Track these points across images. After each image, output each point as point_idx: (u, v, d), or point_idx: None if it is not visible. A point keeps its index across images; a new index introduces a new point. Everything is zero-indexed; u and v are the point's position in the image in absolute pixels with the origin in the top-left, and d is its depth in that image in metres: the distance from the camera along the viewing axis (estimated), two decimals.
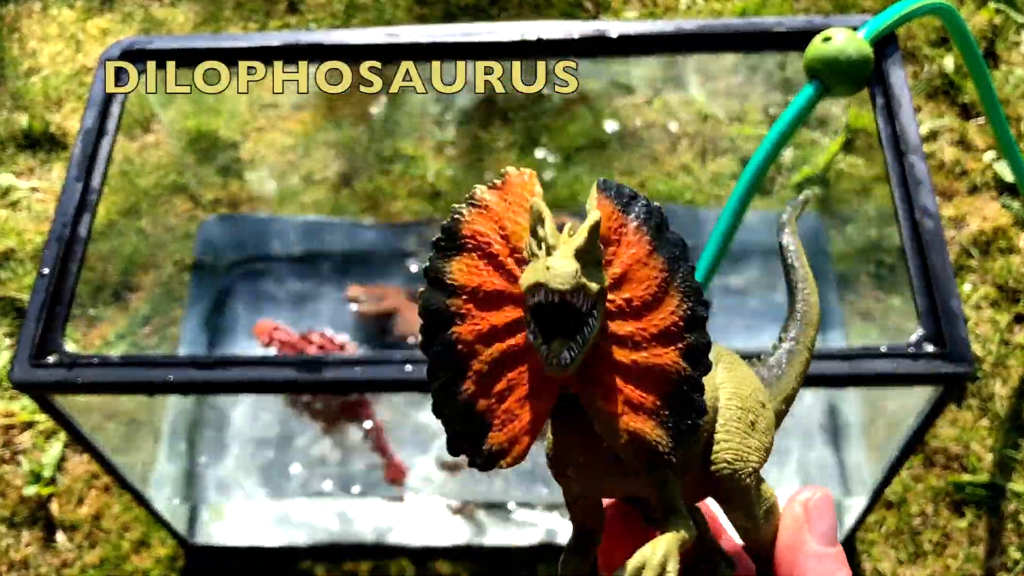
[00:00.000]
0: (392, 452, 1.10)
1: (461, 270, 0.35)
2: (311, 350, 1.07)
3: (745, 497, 0.37)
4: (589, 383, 0.35)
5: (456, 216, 0.35)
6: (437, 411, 0.36)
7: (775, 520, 0.39)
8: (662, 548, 0.34)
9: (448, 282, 0.36)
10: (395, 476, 1.10)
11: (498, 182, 0.36)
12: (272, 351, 1.11)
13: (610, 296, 0.35)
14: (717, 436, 0.38)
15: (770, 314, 1.21)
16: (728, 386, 0.39)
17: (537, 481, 1.11)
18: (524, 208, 0.36)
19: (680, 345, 0.35)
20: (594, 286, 0.34)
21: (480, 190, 0.36)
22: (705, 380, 0.37)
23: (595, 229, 0.34)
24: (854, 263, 1.18)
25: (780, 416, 0.43)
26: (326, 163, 1.39)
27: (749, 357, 0.42)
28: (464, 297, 0.35)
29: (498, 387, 0.36)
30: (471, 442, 0.35)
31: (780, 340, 0.45)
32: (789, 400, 0.44)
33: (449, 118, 1.43)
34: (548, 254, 0.33)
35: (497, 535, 1.10)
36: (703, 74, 1.38)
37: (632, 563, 0.34)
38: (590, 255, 0.34)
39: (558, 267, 0.33)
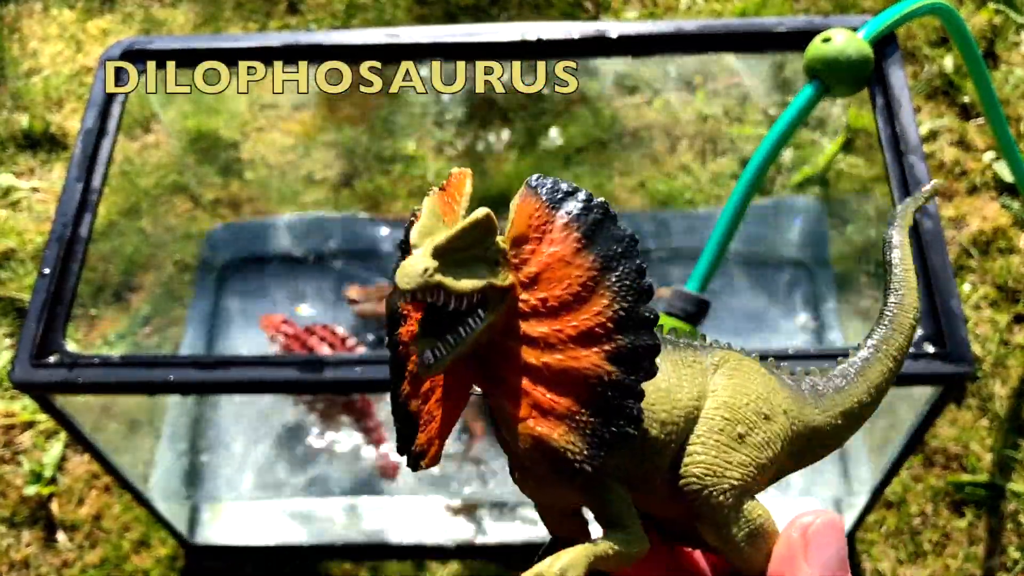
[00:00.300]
0: (387, 445, 1.11)
1: None
2: (313, 342, 1.07)
3: (716, 516, 0.35)
4: (497, 386, 0.34)
5: (412, 217, 0.34)
6: (392, 411, 0.36)
7: (766, 545, 0.35)
8: (564, 560, 0.32)
9: None
10: (387, 469, 1.10)
11: (444, 182, 0.35)
12: (276, 346, 1.12)
13: (524, 296, 0.34)
14: (690, 448, 0.35)
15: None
16: (721, 394, 0.37)
17: None
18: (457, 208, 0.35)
19: (607, 347, 0.33)
20: (464, 285, 0.32)
21: (433, 191, 0.35)
22: (684, 387, 0.35)
23: (469, 227, 0.32)
24: (854, 263, 1.18)
25: (836, 432, 0.39)
26: (326, 163, 1.39)
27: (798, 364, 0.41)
28: None
29: (424, 388, 0.35)
30: (406, 442, 0.35)
31: (858, 346, 0.41)
32: (851, 415, 0.40)
33: (449, 118, 1.43)
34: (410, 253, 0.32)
35: (498, 534, 1.11)
36: (703, 74, 1.39)
37: (527, 574, 0.32)
38: (468, 253, 0.32)
39: (406, 266, 0.32)
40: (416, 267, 0.32)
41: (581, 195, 0.34)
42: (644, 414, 0.34)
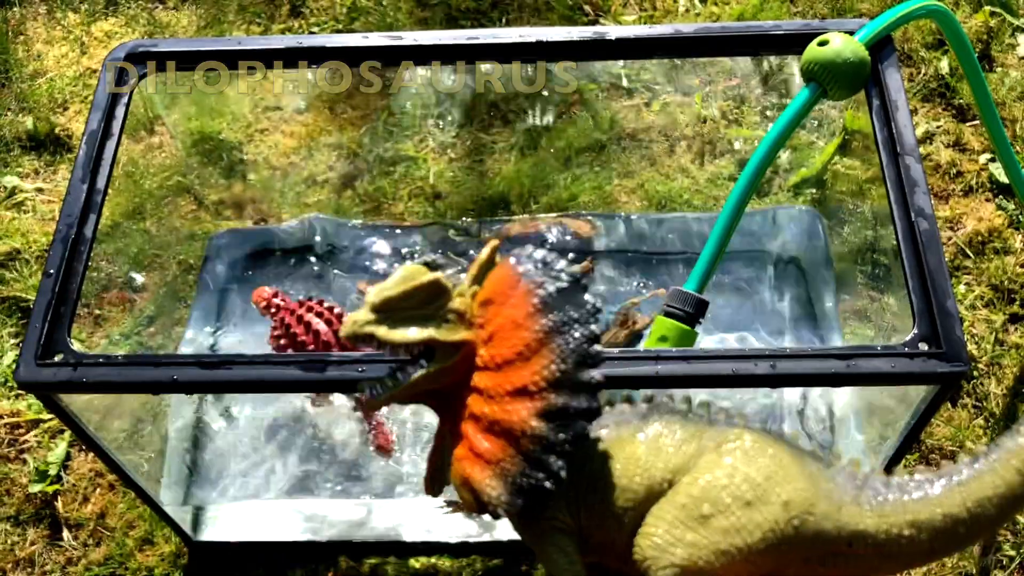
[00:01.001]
0: (380, 420, 1.10)
1: None
2: (310, 317, 1.06)
3: None
4: (454, 428, 0.38)
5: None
6: None
7: None
8: None
9: None
10: (382, 444, 1.10)
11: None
12: (270, 319, 1.11)
13: (482, 351, 0.38)
14: (647, 518, 0.36)
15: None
16: (701, 472, 0.36)
17: None
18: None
19: (537, 404, 0.35)
20: (395, 336, 0.37)
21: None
22: (663, 458, 0.36)
23: (412, 289, 0.37)
24: (850, 263, 1.19)
25: (908, 544, 0.36)
26: (328, 165, 1.40)
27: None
28: None
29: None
30: None
31: (968, 454, 0.38)
32: (934, 529, 0.36)
33: (450, 120, 1.44)
34: None
35: (503, 531, 1.11)
36: (701, 77, 1.40)
37: None
38: (419, 311, 0.37)
39: (348, 317, 0.38)
40: (351, 317, 0.37)
41: (553, 265, 0.37)
42: (610, 478, 0.36)
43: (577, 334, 0.35)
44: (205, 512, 1.13)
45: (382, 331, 0.36)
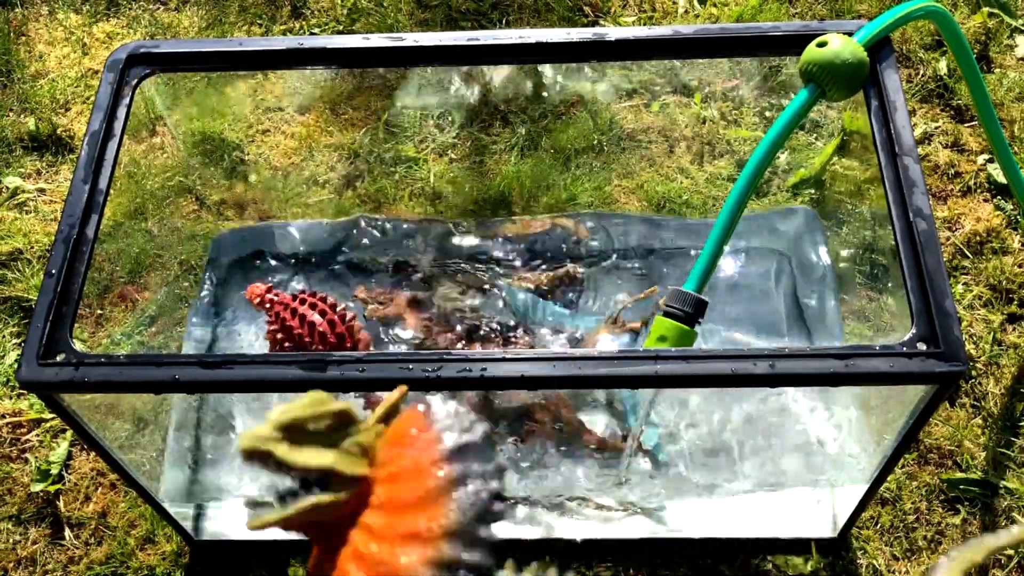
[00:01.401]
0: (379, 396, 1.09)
1: None
2: (304, 309, 1.05)
3: None
4: (327, 561, 0.37)
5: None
6: None
7: None
8: None
9: None
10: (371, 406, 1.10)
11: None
12: (265, 315, 1.11)
13: (378, 489, 0.37)
14: None
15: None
16: None
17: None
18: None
19: (429, 552, 0.34)
20: (295, 458, 0.35)
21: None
22: None
23: (321, 413, 0.36)
24: (849, 264, 1.19)
25: None
26: (329, 166, 1.41)
27: None
28: None
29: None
30: None
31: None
32: None
33: (451, 121, 1.44)
34: None
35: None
36: (700, 78, 1.40)
37: None
38: (325, 438, 0.36)
39: (248, 431, 0.35)
40: (249, 432, 0.35)
41: (464, 420, 0.36)
42: None
43: (480, 488, 0.35)
44: (206, 511, 1.13)
45: (282, 449, 0.34)
